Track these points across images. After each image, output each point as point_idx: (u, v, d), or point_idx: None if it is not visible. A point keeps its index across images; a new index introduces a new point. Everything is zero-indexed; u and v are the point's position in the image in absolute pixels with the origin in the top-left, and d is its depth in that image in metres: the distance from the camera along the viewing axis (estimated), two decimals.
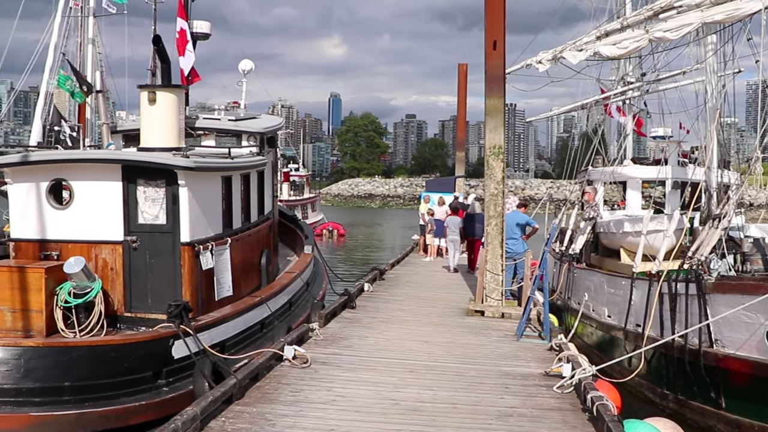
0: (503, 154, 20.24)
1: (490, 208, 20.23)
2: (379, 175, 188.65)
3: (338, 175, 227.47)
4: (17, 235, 16.35)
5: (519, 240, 21.67)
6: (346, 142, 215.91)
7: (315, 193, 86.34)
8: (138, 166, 15.57)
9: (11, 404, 12.00)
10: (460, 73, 51.30)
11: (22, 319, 14.80)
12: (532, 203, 36.24)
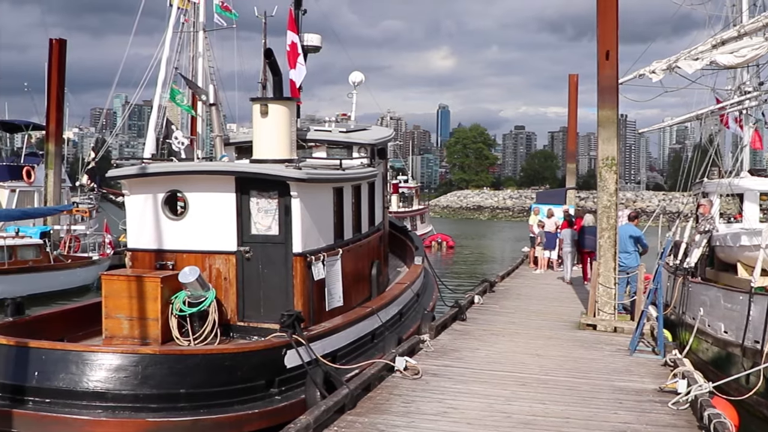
0: (616, 166, 19.95)
1: (602, 220, 19.96)
2: (488, 187, 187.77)
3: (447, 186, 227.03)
4: (134, 245, 16.74)
5: (632, 253, 21.31)
6: (454, 153, 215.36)
7: (424, 205, 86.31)
8: (251, 178, 15.79)
9: (129, 410, 12.26)
10: (571, 83, 50.78)
11: (139, 327, 15.14)
12: (643, 216, 35.67)
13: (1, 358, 13.00)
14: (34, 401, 12.47)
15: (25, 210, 40.19)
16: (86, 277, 36.69)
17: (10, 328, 14.50)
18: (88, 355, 12.60)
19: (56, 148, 45.47)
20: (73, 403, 12.33)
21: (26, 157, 48.69)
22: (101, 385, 12.34)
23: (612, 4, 20.13)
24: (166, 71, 34.50)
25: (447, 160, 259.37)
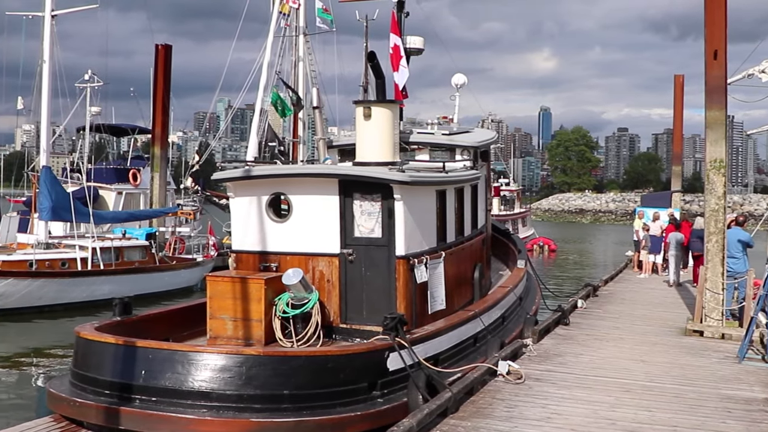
0: (725, 168, 19.49)
1: (710, 224, 19.51)
2: (590, 190, 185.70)
3: (548, 189, 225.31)
4: (238, 246, 16.92)
5: (740, 258, 20.77)
6: (556, 156, 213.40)
7: (525, 208, 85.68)
8: (354, 181, 15.82)
9: (233, 410, 12.38)
10: (677, 84, 49.89)
11: (243, 328, 15.30)
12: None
13: (109, 357, 13.29)
14: (141, 399, 12.69)
15: (131, 212, 41.12)
16: (190, 279, 37.30)
17: (118, 327, 14.78)
18: (194, 355, 12.76)
19: (162, 152, 46.38)
20: (179, 402, 12.51)
21: (132, 160, 49.72)
22: (206, 384, 12.49)
23: (720, 2, 19.69)
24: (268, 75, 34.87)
25: (549, 163, 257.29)
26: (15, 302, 29.00)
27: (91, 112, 47.60)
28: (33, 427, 13.32)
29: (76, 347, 14.23)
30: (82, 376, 13.59)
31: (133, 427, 12.53)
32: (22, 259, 30.25)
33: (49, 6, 32.83)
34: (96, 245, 32.24)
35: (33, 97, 34.61)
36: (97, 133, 50.34)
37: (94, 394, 13.16)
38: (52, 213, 31.90)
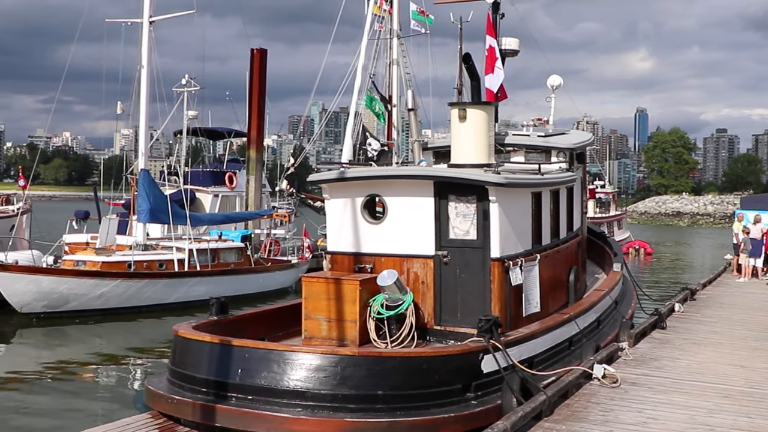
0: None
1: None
2: (688, 192, 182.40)
3: (644, 192, 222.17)
4: (333, 248, 17.03)
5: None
6: (653, 158, 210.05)
7: (621, 211, 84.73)
8: (449, 182, 15.80)
9: (328, 409, 12.48)
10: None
11: (337, 329, 15.39)
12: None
13: (206, 355, 13.50)
14: (237, 397, 12.89)
15: (227, 214, 41.67)
16: (285, 280, 37.63)
17: (215, 326, 15.00)
18: (289, 354, 12.90)
19: (257, 155, 46.92)
20: (274, 401, 12.66)
21: (228, 163, 50.44)
22: (301, 384, 12.61)
23: None
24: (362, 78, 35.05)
25: (645, 165, 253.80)
26: (114, 302, 29.60)
27: (188, 116, 48.44)
28: (132, 423, 13.60)
29: (174, 345, 14.49)
30: (179, 373, 13.84)
31: (229, 425, 12.72)
32: (121, 260, 30.85)
33: (147, 12, 33.45)
34: (193, 247, 32.72)
35: (132, 102, 35.28)
36: (193, 136, 51.22)
37: (191, 391, 13.39)
38: (150, 215, 32.50)
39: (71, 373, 21.73)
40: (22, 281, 27.78)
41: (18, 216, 39.02)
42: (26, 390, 19.63)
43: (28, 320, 28.09)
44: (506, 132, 21.05)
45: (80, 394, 19.34)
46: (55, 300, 28.40)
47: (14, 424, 16.50)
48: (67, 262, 31.17)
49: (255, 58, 47.43)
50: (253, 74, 47.60)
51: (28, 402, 18.28)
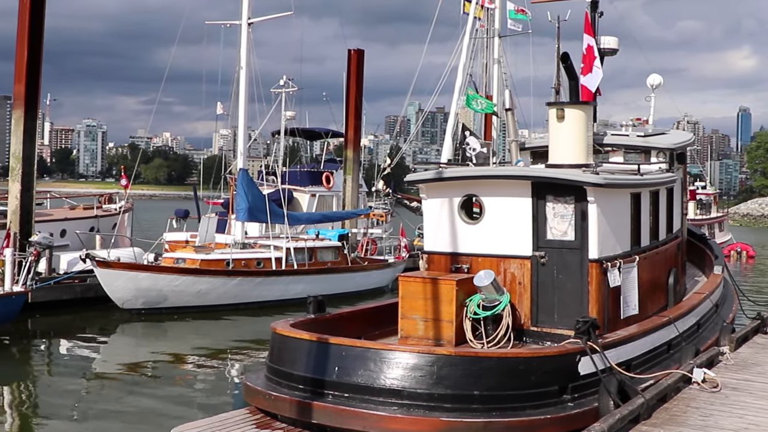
0: None
1: None
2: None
3: (747, 193, 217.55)
4: (430, 248, 17.04)
5: None
6: (756, 158, 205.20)
7: (722, 213, 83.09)
8: (547, 183, 15.69)
9: (423, 408, 12.49)
10: None
11: (433, 329, 15.40)
12: None
13: (303, 353, 13.63)
14: (333, 395, 12.97)
15: (324, 213, 42.00)
16: (381, 279, 37.78)
17: (312, 324, 15.12)
18: (386, 353, 12.95)
19: (354, 155, 47.26)
20: (370, 399, 12.71)
21: (326, 163, 50.82)
22: (397, 383, 12.65)
23: None
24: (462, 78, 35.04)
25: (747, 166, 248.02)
26: (212, 299, 30.10)
27: (285, 117, 48.94)
28: (230, 418, 13.78)
29: (271, 343, 14.65)
30: (277, 370, 13.99)
31: (325, 422, 12.83)
32: (220, 258, 31.33)
33: (245, 14, 33.94)
34: (290, 245, 33.08)
35: (231, 103, 35.85)
36: (291, 136, 51.73)
37: (288, 388, 13.53)
38: (249, 214, 32.97)
39: (170, 369, 22.20)
40: (123, 278, 28.42)
41: (120, 214, 39.88)
42: (126, 384, 20.11)
43: (129, 316, 28.74)
44: (605, 132, 20.80)
45: (178, 389, 19.75)
46: (155, 297, 29.00)
47: (114, 417, 16.93)
48: (167, 260, 31.81)
49: (352, 59, 47.81)
50: (350, 75, 47.99)
51: (128, 396, 18.73)
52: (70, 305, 29.16)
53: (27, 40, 30.58)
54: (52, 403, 18.30)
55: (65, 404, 18.09)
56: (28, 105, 30.73)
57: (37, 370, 22.66)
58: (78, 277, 30.11)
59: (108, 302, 28.75)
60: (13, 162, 30.88)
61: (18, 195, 30.26)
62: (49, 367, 22.93)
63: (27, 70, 30.62)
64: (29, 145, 30.79)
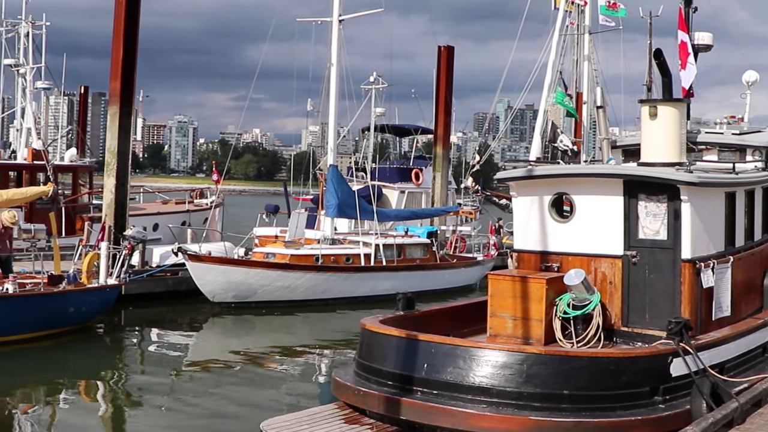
0: None
1: None
2: None
3: None
4: (520, 246, 16.95)
5: None
6: None
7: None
8: (640, 181, 15.49)
9: (513, 407, 12.46)
10: None
11: (522, 327, 15.33)
12: None
13: (392, 349, 13.70)
14: (422, 392, 13.01)
15: (413, 210, 42.06)
16: (470, 277, 37.65)
17: (402, 321, 15.17)
18: (476, 351, 12.95)
19: (444, 152, 47.23)
20: (459, 396, 12.73)
21: (415, 159, 50.85)
22: (486, 380, 12.64)
23: None
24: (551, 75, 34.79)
25: None
26: (301, 294, 30.33)
27: (375, 113, 49.08)
28: (319, 413, 13.93)
29: (361, 338, 14.75)
30: (366, 366, 14.08)
31: (414, 418, 12.88)
32: (309, 253, 31.57)
33: (336, 11, 34.10)
34: (379, 242, 33.18)
35: (321, 99, 36.10)
36: (380, 133, 51.87)
37: (377, 384, 13.60)
38: (338, 210, 33.14)
39: (258, 362, 22.47)
40: (215, 272, 28.81)
41: (212, 209, 40.46)
42: (215, 377, 20.46)
43: (219, 309, 29.14)
44: (698, 130, 20.46)
45: (266, 382, 19.99)
46: (244, 290, 29.33)
47: (203, 409, 17.21)
48: (257, 254, 32.19)
49: (442, 55, 47.78)
50: (440, 71, 47.93)
51: (217, 388, 19.02)
52: (162, 298, 29.66)
53: (123, 38, 31.12)
54: (142, 393, 18.73)
55: (155, 395, 18.47)
56: (123, 101, 31.28)
57: (129, 360, 23.12)
58: (170, 270, 30.60)
59: (199, 295, 29.18)
60: (109, 157, 31.47)
61: (113, 189, 30.82)
62: (141, 358, 23.39)
63: (122, 68, 31.14)
64: (124, 140, 31.34)
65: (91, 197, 40.62)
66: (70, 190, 38.39)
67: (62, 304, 23.09)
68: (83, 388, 19.68)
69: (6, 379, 19.31)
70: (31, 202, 30.50)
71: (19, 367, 20.41)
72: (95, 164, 46.67)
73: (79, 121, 61.59)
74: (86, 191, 40.04)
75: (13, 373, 19.92)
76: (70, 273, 23.67)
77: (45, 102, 44.76)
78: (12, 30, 41.87)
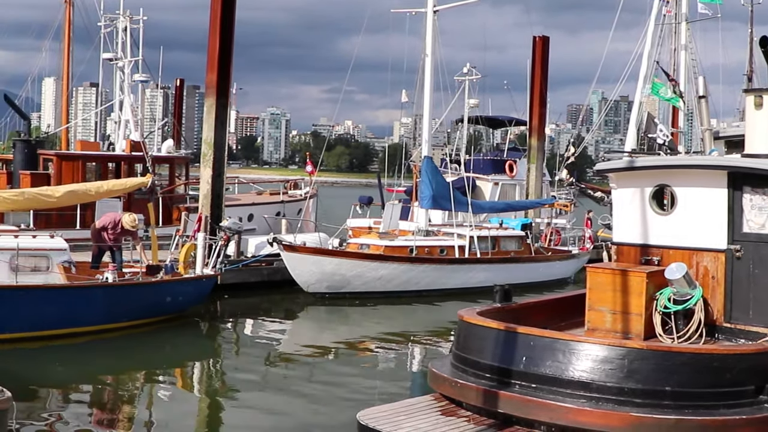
0: None
1: None
2: None
3: None
4: (620, 239, 16.66)
5: None
6: None
7: None
8: (745, 173, 15.08)
9: (613, 402, 12.22)
10: None
11: (621, 321, 15.06)
12: None
13: (490, 341, 13.55)
14: (520, 385, 12.84)
15: (508, 202, 41.83)
16: (565, 270, 37.28)
17: (499, 313, 15.01)
18: (576, 344, 12.74)
19: (539, 143, 46.83)
20: (558, 391, 12.51)
21: (509, 151, 50.54)
22: (586, 375, 12.42)
23: None
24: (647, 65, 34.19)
25: None
26: (395, 286, 30.33)
27: (469, 105, 48.87)
28: (415, 404, 13.84)
29: (458, 330, 14.64)
30: (463, 358, 13.96)
31: (512, 412, 12.71)
32: (404, 245, 31.57)
33: (431, 2, 34.00)
34: (474, 234, 33.00)
35: (416, 91, 36.03)
36: (474, 125, 51.64)
37: (474, 376, 13.47)
38: (433, 202, 33.10)
39: (351, 353, 22.59)
40: (309, 262, 28.97)
41: (306, 200, 40.70)
42: (309, 367, 20.60)
43: (313, 299, 29.31)
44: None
45: (360, 373, 19.99)
46: (338, 281, 29.44)
47: (298, 398, 17.24)
48: (352, 245, 32.32)
49: (537, 46, 47.37)
50: (534, 62, 47.51)
51: (311, 378, 19.19)
52: (256, 288, 29.95)
53: (219, 32, 31.42)
54: (238, 381, 18.89)
55: (250, 383, 18.66)
56: (220, 93, 31.60)
57: (224, 349, 23.41)
58: (265, 260, 30.86)
59: (293, 285, 29.39)
60: (205, 148, 31.84)
61: (209, 180, 31.17)
62: (236, 347, 23.65)
63: (219, 60, 31.46)
64: (220, 132, 31.67)
65: (188, 188, 41.23)
66: (167, 181, 38.96)
67: (160, 293, 23.48)
68: (179, 376, 19.96)
69: (105, 366, 19.70)
70: (129, 192, 31.06)
71: (117, 355, 20.81)
72: (191, 155, 47.34)
73: (174, 113, 62.61)
74: (183, 182, 40.63)
75: (112, 360, 20.33)
76: (168, 263, 24.04)
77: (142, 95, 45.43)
78: (110, 25, 42.82)
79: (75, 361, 19.99)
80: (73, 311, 21.28)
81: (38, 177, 34.29)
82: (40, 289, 20.98)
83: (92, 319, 21.73)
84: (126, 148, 38.51)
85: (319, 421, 15.71)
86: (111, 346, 21.44)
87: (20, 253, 20.60)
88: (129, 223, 24.08)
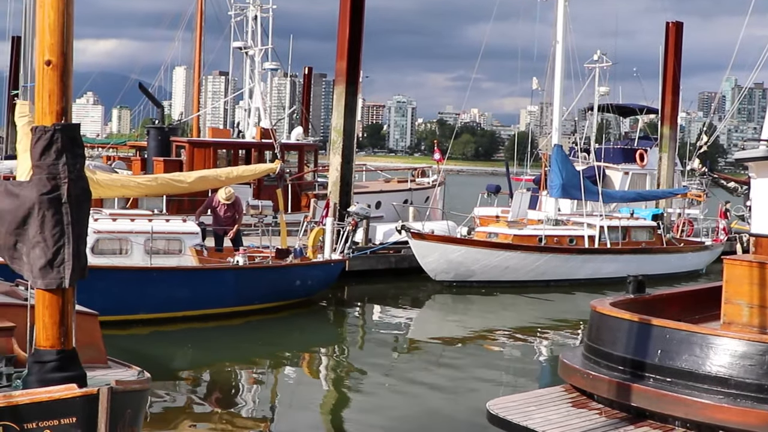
0: None
1: None
2: None
3: None
4: (759, 230, 16.09)
5: None
6: None
7: None
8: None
9: (752, 399, 11.84)
10: None
11: (759, 316, 14.56)
12: None
13: (624, 333, 13.29)
14: (654, 378, 12.55)
15: (639, 192, 41.07)
16: (697, 262, 36.42)
17: (632, 304, 14.71)
18: (713, 338, 12.39)
19: (671, 132, 45.87)
20: (694, 386, 12.18)
21: (639, 140, 49.61)
22: (724, 370, 12.06)
23: None
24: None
25: None
26: (522, 275, 30.08)
27: (599, 92, 48.11)
28: (545, 395, 13.70)
29: (590, 321, 14.40)
30: (595, 349, 13.72)
31: (645, 405, 12.44)
32: (533, 234, 31.29)
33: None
34: (604, 224, 32.48)
35: (546, 78, 35.65)
36: (604, 113, 50.84)
37: (607, 368, 13.23)
38: (563, 191, 32.71)
39: (478, 342, 22.54)
40: (437, 250, 28.93)
41: (434, 188, 40.69)
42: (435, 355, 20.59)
43: (440, 287, 29.28)
44: None
45: (487, 362, 19.98)
46: (466, 270, 29.31)
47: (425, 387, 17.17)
48: (480, 234, 32.18)
49: (670, 32, 46.38)
50: (667, 48, 46.53)
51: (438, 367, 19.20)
52: (384, 275, 30.07)
53: (348, 20, 31.64)
54: (365, 368, 18.90)
55: (378, 370, 18.63)
56: (349, 81, 31.82)
57: (351, 335, 23.64)
58: (393, 247, 30.96)
59: (420, 273, 29.39)
60: (335, 135, 32.13)
61: (339, 167, 31.43)
62: (363, 333, 23.86)
63: (348, 48, 31.68)
64: (349, 119, 31.89)
65: (316, 175, 41.66)
66: (296, 167, 39.42)
67: (289, 277, 23.80)
68: (306, 361, 20.21)
69: (234, 348, 20.11)
70: (259, 179, 31.51)
71: (246, 338, 21.18)
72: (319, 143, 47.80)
73: (303, 100, 63.34)
74: (311, 169, 41.04)
75: (241, 343, 20.71)
76: (297, 247, 24.31)
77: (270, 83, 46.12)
78: (240, 14, 43.47)
79: (205, 343, 20.46)
80: (205, 293, 21.79)
81: (171, 163, 35.10)
82: (173, 271, 21.54)
83: (223, 301, 22.20)
84: (256, 136, 39.07)
85: (446, 409, 15.66)
86: (240, 329, 21.80)
87: (154, 236, 21.14)
88: (224, 197, 24.46)
